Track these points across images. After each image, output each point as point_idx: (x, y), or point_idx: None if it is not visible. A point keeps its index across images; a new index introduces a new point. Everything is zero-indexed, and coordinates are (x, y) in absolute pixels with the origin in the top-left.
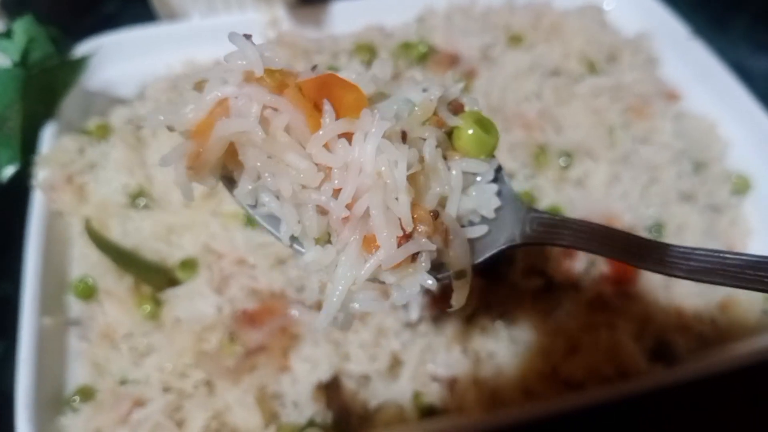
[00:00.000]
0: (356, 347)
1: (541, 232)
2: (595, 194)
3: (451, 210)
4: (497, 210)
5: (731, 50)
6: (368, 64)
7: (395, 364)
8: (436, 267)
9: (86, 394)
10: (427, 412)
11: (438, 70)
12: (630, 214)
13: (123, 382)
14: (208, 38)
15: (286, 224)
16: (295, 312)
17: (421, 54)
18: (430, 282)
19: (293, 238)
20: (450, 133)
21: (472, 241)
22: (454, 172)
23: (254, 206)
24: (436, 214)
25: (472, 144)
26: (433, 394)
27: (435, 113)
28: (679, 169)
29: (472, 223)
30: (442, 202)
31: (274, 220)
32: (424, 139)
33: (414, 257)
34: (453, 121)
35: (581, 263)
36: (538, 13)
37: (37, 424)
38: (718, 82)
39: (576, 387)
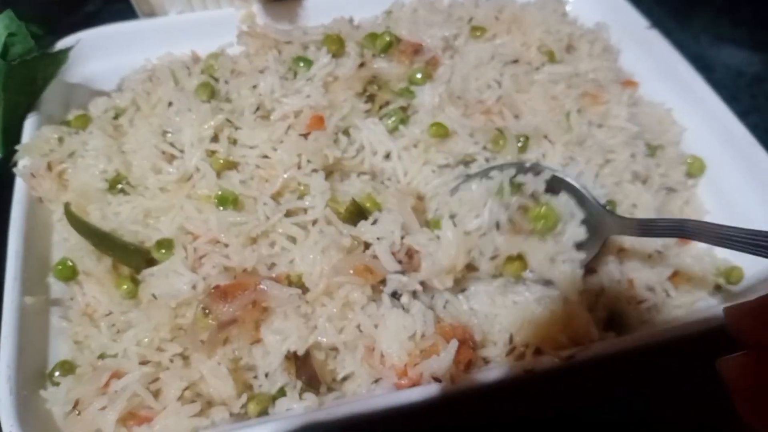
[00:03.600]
0: (324, 320)
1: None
2: None
3: None
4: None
5: (692, 42)
6: (336, 55)
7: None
8: None
9: (67, 368)
10: None
11: (402, 59)
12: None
13: (102, 356)
14: (186, 33)
15: None
16: (265, 287)
17: (385, 43)
18: None
19: None
20: None
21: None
22: None
23: None
24: None
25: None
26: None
27: None
28: (633, 151)
29: None
30: None
31: None
32: None
33: None
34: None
35: None
36: (501, 6)
37: (19, 396)
38: (675, 70)
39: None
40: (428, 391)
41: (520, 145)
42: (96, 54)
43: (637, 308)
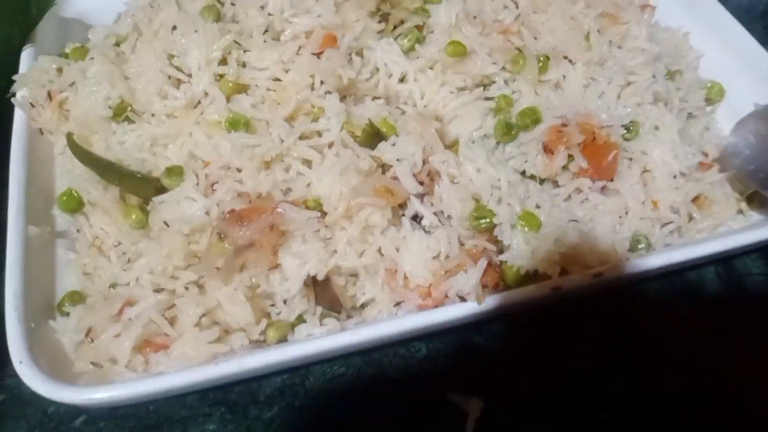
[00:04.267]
0: (344, 244)
1: None
2: (572, 95)
3: None
4: None
5: None
6: None
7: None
8: None
9: (76, 299)
10: None
11: None
12: (606, 114)
13: (113, 286)
14: None
15: None
16: (282, 210)
17: None
18: None
19: None
20: None
21: None
22: None
23: None
24: None
25: None
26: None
27: None
28: (654, 71)
29: None
30: None
31: None
32: None
33: None
34: None
35: (560, 159)
36: None
37: (27, 326)
38: None
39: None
40: (454, 310)
41: (540, 65)
42: None
43: (661, 231)
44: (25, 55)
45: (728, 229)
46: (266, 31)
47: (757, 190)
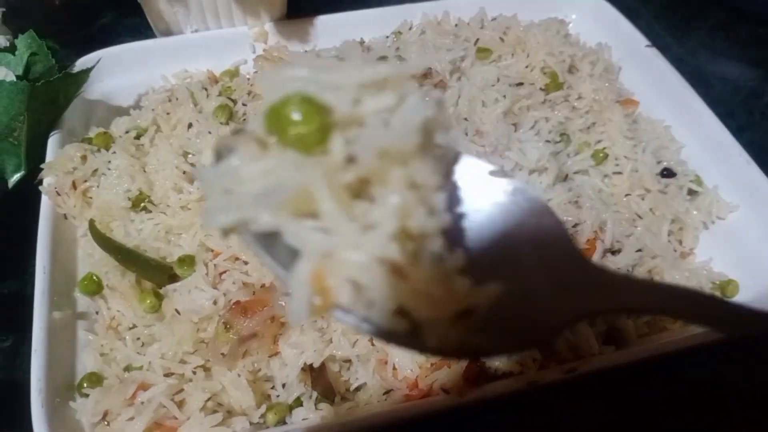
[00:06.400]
0: (339, 334)
1: None
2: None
3: None
4: None
5: (690, 58)
6: None
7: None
8: None
9: (94, 380)
10: None
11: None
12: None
13: (128, 369)
14: (201, 51)
15: None
16: (284, 303)
17: None
18: None
19: None
20: None
21: None
22: None
23: None
24: None
25: None
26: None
27: None
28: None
29: None
30: None
31: None
32: None
33: None
34: None
35: None
36: (505, 28)
37: (50, 408)
38: (674, 88)
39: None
40: (438, 402)
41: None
42: (114, 71)
43: (636, 322)
44: (52, 141)
45: None
46: None
47: None
